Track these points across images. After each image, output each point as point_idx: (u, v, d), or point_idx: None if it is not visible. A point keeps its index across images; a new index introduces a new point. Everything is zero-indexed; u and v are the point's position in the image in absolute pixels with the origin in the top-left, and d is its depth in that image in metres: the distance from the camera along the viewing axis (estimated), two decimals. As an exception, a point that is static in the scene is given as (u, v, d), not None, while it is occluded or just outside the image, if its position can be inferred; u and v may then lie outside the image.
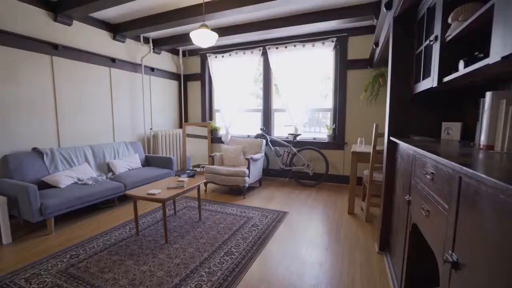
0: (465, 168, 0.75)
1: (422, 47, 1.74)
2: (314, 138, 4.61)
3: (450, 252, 0.86)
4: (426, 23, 1.68)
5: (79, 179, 3.10)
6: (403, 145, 1.73)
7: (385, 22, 2.44)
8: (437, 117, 1.95)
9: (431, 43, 1.50)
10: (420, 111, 2.02)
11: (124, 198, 3.60)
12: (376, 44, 3.18)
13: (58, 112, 3.34)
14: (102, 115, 3.91)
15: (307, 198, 3.72)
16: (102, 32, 3.86)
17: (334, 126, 4.40)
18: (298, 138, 4.54)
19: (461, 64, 1.19)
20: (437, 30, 1.43)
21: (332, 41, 4.11)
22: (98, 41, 3.80)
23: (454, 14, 1.25)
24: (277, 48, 4.48)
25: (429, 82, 1.57)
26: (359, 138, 3.36)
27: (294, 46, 4.35)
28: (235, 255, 2.18)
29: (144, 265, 2.03)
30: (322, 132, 4.71)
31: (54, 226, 2.71)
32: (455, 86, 1.54)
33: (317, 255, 2.21)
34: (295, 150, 4.41)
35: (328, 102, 4.51)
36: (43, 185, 2.86)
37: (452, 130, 1.81)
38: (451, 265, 0.83)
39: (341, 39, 4.11)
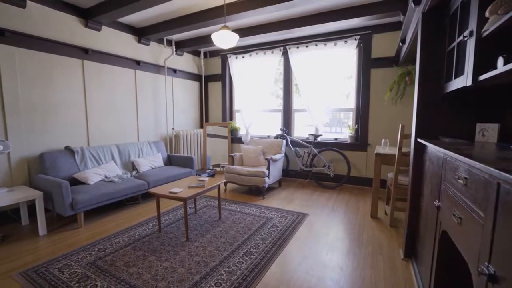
0: (504, 174, 0.69)
1: (455, 44, 1.64)
2: (336, 139, 4.50)
3: (486, 264, 0.80)
4: (460, 18, 1.58)
5: (106, 177, 3.26)
6: (432, 148, 1.64)
7: (413, 18, 2.33)
8: (470, 117, 1.83)
9: (465, 39, 1.40)
10: (451, 111, 1.90)
11: (147, 196, 3.74)
12: (403, 41, 3.05)
13: (88, 113, 3.53)
14: (128, 115, 4.08)
15: (327, 200, 3.64)
16: (128, 36, 4.02)
17: (356, 127, 4.27)
18: (318, 139, 4.47)
19: (500, 61, 1.11)
20: (472, 25, 1.33)
21: (355, 39, 3.99)
22: (124, 44, 3.97)
23: (493, 7, 1.16)
24: (297, 47, 4.43)
25: (462, 81, 1.47)
26: (383, 139, 3.23)
27: (315, 45, 4.28)
28: (254, 255, 2.18)
29: (166, 261, 2.09)
30: (344, 132, 4.59)
31: (84, 221, 2.87)
32: (492, 84, 1.44)
33: (338, 259, 2.16)
34: (315, 151, 4.33)
35: (350, 101, 4.39)
36: (74, 182, 3.04)
37: (488, 131, 1.68)
38: (487, 278, 0.77)
39: (364, 37, 3.98)
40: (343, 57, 4.10)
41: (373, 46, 3.97)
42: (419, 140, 1.91)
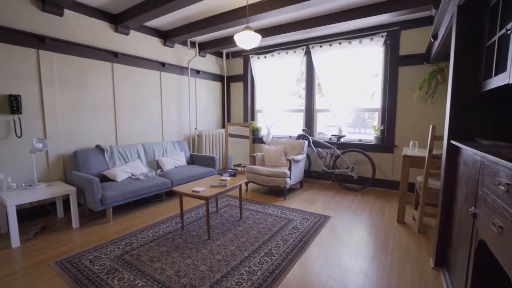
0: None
1: (495, 38, 1.51)
2: (360, 140, 4.36)
3: (534, 279, 0.73)
4: (502, 10, 1.45)
5: (132, 174, 3.40)
6: (467, 150, 1.53)
7: (447, 11, 2.18)
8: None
9: (508, 32, 1.29)
10: (489, 111, 1.76)
11: (170, 194, 3.85)
12: (435, 36, 2.87)
13: (117, 113, 3.71)
14: (153, 115, 4.23)
15: (351, 202, 3.53)
16: (154, 39, 4.17)
17: (382, 127, 4.10)
18: (342, 140, 4.35)
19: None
20: (517, 17, 1.22)
21: (382, 36, 3.83)
22: (150, 47, 4.12)
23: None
24: (321, 46, 4.35)
25: (503, 78, 1.35)
26: (411, 141, 3.07)
27: (339, 43, 4.17)
28: (275, 256, 2.17)
29: (188, 258, 2.14)
30: (369, 133, 4.43)
31: (112, 216, 3.02)
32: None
33: (362, 264, 2.08)
34: (338, 152, 4.22)
35: (376, 101, 4.22)
36: (103, 178, 3.21)
37: (533, 133, 1.53)
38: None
39: (392, 34, 3.81)
40: (369, 55, 3.96)
41: (401, 43, 3.79)
42: (452, 142, 1.79)
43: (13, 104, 2.70)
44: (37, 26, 2.89)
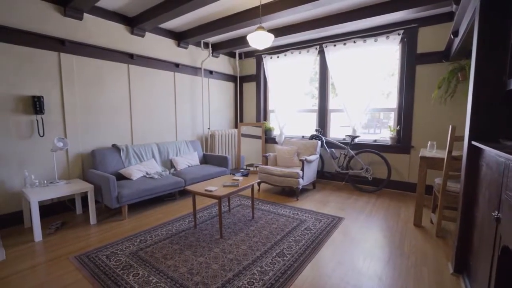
0: None
1: (521, 33, 1.43)
2: (375, 141, 4.26)
3: None
4: (528, 4, 1.38)
5: (147, 173, 3.48)
6: (490, 152, 1.46)
7: (469, 7, 2.09)
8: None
9: (536, 27, 1.22)
10: (514, 110, 1.67)
11: (183, 192, 3.91)
12: (455, 33, 2.77)
13: (132, 113, 3.80)
14: (167, 115, 4.31)
15: (365, 204, 3.46)
16: (168, 40, 4.25)
17: (398, 128, 3.99)
18: (356, 140, 4.27)
19: None
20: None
21: (399, 34, 3.72)
22: (165, 49, 4.20)
23: None
24: (334, 45, 4.28)
25: (530, 75, 1.28)
26: (429, 142, 2.97)
27: (354, 42, 4.09)
28: (287, 257, 2.15)
29: (201, 256, 2.16)
30: (384, 134, 4.32)
31: (127, 213, 3.10)
32: None
33: (376, 268, 2.03)
34: (352, 152, 4.14)
35: (392, 101, 4.11)
36: (119, 177, 3.30)
37: None
38: None
39: (409, 31, 3.70)
40: (384, 54, 3.86)
41: (419, 40, 3.68)
42: (473, 143, 1.71)
43: (36, 105, 2.82)
44: (59, 30, 3.01)
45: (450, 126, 2.31)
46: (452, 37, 2.86)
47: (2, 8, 2.62)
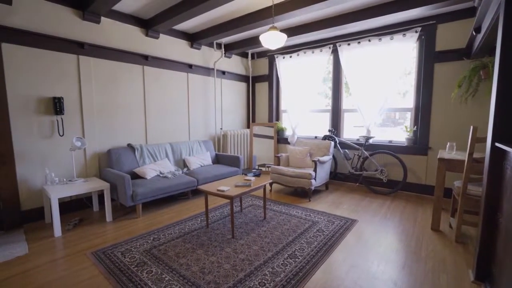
0: None
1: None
2: (390, 141, 4.14)
3: None
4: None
5: (160, 172, 3.54)
6: (516, 153, 1.38)
7: (493, 1, 2.00)
8: None
9: None
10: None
11: (196, 192, 3.95)
12: (477, 29, 2.65)
13: (147, 113, 3.88)
14: (180, 116, 4.37)
15: (379, 207, 3.37)
16: (182, 41, 4.31)
17: (415, 128, 3.86)
18: (370, 141, 4.17)
19: None
20: None
21: (416, 32, 3.60)
22: (178, 50, 4.26)
23: None
24: (348, 44, 4.20)
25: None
26: (448, 143, 2.86)
27: (369, 41, 4.00)
28: (299, 258, 2.13)
29: (213, 256, 2.17)
30: (400, 134, 4.19)
31: (141, 211, 3.16)
32: None
33: (391, 272, 1.97)
34: (366, 153, 4.05)
35: (408, 100, 3.99)
36: (134, 176, 3.38)
37: None
38: None
39: (427, 28, 3.58)
40: (401, 52, 3.75)
41: (437, 37, 3.55)
42: (497, 144, 1.63)
43: (57, 106, 2.93)
44: (78, 34, 3.12)
45: (472, 127, 2.21)
46: (474, 33, 2.74)
47: (26, 14, 2.74)
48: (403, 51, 3.73)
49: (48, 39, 2.89)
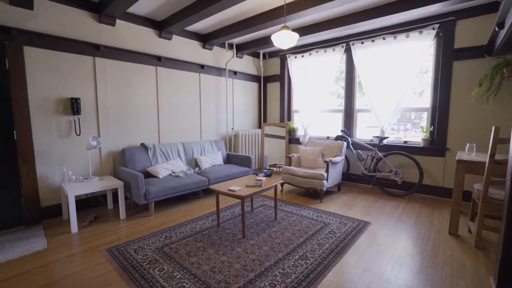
0: None
1: None
2: (405, 142, 4.02)
3: None
4: None
5: (173, 172, 3.59)
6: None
7: (516, -5, 1.90)
8: None
9: None
10: None
11: (207, 191, 3.98)
12: (500, 25, 2.52)
13: (160, 113, 3.95)
14: (192, 116, 4.42)
15: (394, 209, 3.28)
16: (194, 42, 4.36)
17: (431, 129, 3.74)
18: (384, 141, 4.07)
19: None
20: None
21: (433, 29, 3.48)
22: (191, 50, 4.31)
23: None
24: (362, 43, 4.12)
25: None
26: (467, 144, 2.74)
27: (383, 39, 3.90)
28: (310, 260, 2.10)
29: (223, 255, 2.18)
30: (415, 135, 4.07)
31: (154, 210, 3.22)
32: None
33: (406, 277, 1.91)
34: (380, 154, 3.95)
35: (424, 100, 3.86)
36: (147, 174, 3.44)
37: None
38: None
39: (446, 25, 3.45)
40: (417, 50, 3.63)
41: (456, 34, 3.41)
42: (522, 145, 1.54)
43: (74, 106, 3.03)
44: (94, 36, 3.21)
45: (493, 127, 2.11)
46: (497, 29, 2.61)
47: (46, 19, 2.85)
48: (420, 49, 3.61)
49: (67, 42, 2.99)
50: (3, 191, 2.70)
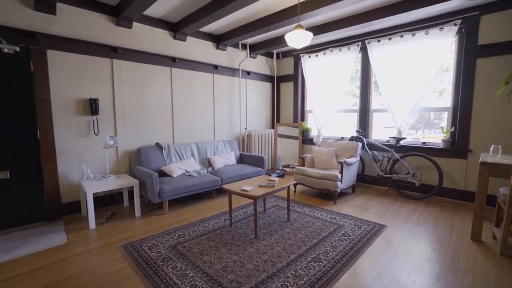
0: None
1: None
2: (424, 143, 3.88)
3: None
4: None
5: (186, 171, 3.63)
6: None
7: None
8: None
9: None
10: None
11: (220, 191, 4.01)
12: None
13: (174, 113, 4.01)
14: (206, 116, 4.46)
15: (411, 212, 3.17)
16: (208, 43, 4.40)
17: (452, 129, 3.58)
18: (401, 142, 3.94)
19: None
20: None
21: (455, 25, 3.34)
22: (204, 51, 4.36)
23: None
24: (378, 41, 4.01)
25: None
26: (492, 146, 2.60)
27: (401, 36, 3.78)
28: (323, 262, 2.06)
29: (236, 255, 2.18)
30: (434, 136, 3.91)
31: (168, 208, 3.27)
32: None
33: (424, 283, 1.83)
34: (397, 155, 3.83)
35: (445, 99, 3.70)
36: (161, 174, 3.50)
37: None
38: None
39: (469, 20, 3.29)
40: (437, 48, 3.49)
41: (480, 30, 3.25)
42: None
43: (93, 107, 3.14)
44: (112, 39, 3.31)
45: (520, 127, 1.99)
46: (524, 24, 2.47)
47: (68, 23, 2.97)
48: (440, 46, 3.47)
49: (86, 44, 3.10)
50: (28, 188, 2.83)
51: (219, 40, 4.45)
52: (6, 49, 2.52)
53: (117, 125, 3.42)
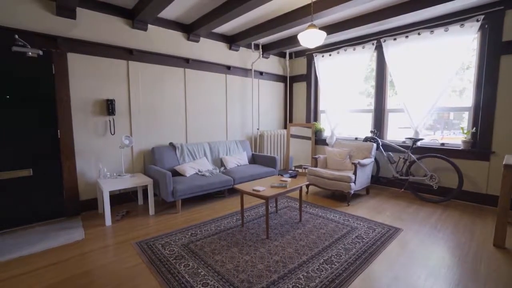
0: None
1: None
2: (442, 144, 3.74)
3: None
4: None
5: (199, 171, 3.68)
6: None
7: None
8: None
9: None
10: None
11: (232, 191, 4.03)
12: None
13: (187, 114, 4.07)
14: (218, 116, 4.50)
15: (428, 216, 3.06)
16: (221, 44, 4.43)
17: (473, 130, 3.43)
18: (418, 143, 3.81)
19: None
20: None
21: (477, 20, 3.20)
22: (217, 52, 4.39)
23: None
24: (394, 39, 3.90)
25: None
26: (517, 146, 2.47)
27: (418, 34, 3.66)
28: (335, 265, 2.03)
29: (247, 255, 2.18)
30: (454, 136, 3.76)
31: (181, 207, 3.32)
32: None
33: (442, 290, 1.77)
34: (414, 157, 3.71)
35: (466, 99, 3.56)
36: (174, 173, 3.56)
37: None
38: None
39: (492, 16, 3.15)
40: (457, 45, 3.36)
41: (505, 25, 3.10)
42: None
43: (109, 107, 3.23)
44: (128, 41, 3.40)
45: (548, 128, 1.88)
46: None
47: (86, 27, 3.08)
48: (461, 44, 3.34)
49: (104, 47, 3.20)
50: (49, 185, 2.96)
51: (232, 40, 4.48)
52: (30, 53, 2.64)
53: (132, 125, 3.51)
